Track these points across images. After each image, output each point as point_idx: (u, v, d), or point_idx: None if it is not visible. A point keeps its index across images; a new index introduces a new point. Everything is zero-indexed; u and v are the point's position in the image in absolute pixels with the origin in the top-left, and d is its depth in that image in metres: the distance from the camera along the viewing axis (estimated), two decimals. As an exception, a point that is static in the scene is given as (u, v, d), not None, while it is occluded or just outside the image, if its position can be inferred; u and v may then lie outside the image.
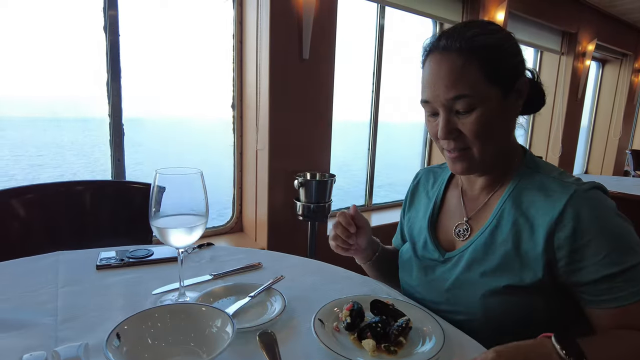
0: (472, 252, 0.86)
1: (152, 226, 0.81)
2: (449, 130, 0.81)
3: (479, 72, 0.77)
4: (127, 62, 2.24)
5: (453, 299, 0.87)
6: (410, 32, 3.61)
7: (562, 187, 0.78)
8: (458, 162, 0.85)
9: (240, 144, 2.74)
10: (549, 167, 0.87)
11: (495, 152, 0.84)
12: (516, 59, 0.82)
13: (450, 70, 0.78)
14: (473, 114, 0.78)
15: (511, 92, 0.81)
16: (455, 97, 0.78)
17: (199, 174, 0.83)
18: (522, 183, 0.85)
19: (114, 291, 0.92)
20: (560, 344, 0.60)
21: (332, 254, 1.04)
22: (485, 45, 0.78)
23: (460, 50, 0.77)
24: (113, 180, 2.17)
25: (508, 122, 0.85)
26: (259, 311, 0.84)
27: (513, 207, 0.84)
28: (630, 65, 5.98)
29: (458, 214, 0.96)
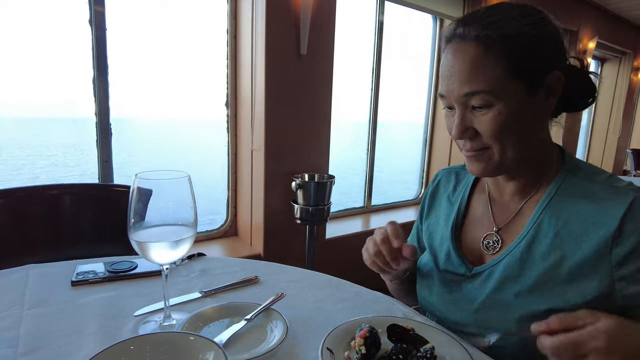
0: (505, 268, 0.75)
1: (130, 240, 0.69)
2: (464, 129, 0.72)
3: (500, 65, 0.67)
4: (116, 59, 2.11)
5: (483, 321, 0.76)
6: (410, 29, 3.51)
7: (616, 194, 0.68)
8: (474, 163, 0.76)
9: (235, 144, 2.62)
10: (593, 170, 0.76)
11: (519, 154, 0.73)
12: (549, 50, 0.71)
13: (466, 62, 0.69)
14: (490, 112, 0.69)
15: (539, 88, 0.70)
16: (471, 92, 0.69)
17: (186, 178, 0.71)
18: (563, 189, 0.75)
19: (89, 313, 0.79)
20: None
21: (331, 259, 0.93)
22: (510, 34, 0.68)
23: (479, 39, 0.68)
24: (94, 183, 2.04)
25: (534, 122, 0.74)
26: (257, 337, 0.72)
27: (554, 217, 0.73)
28: (629, 63, 5.92)
29: (486, 223, 0.85)
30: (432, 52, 3.59)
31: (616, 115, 6.08)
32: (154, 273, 0.96)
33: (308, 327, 0.77)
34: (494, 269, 0.77)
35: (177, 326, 0.73)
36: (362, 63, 3.13)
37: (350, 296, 0.90)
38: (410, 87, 3.74)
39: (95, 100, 2.10)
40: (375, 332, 0.68)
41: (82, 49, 2.05)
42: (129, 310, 0.80)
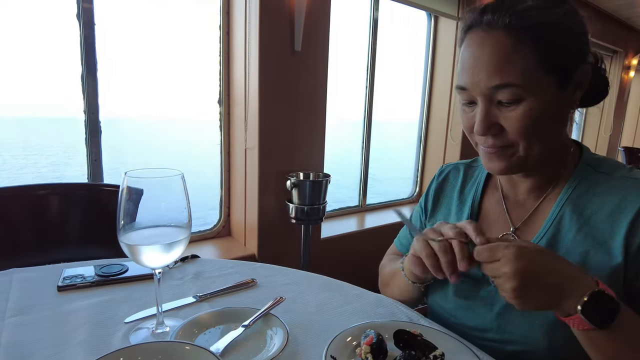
0: None
1: (120, 242, 0.64)
2: (489, 125, 0.67)
3: (532, 57, 0.62)
4: (106, 55, 2.05)
5: (505, 325, 0.72)
6: (404, 26, 3.49)
7: (637, 188, 0.65)
8: (496, 160, 0.70)
9: (228, 143, 2.57)
10: (613, 164, 0.73)
11: (545, 151, 0.69)
12: (580, 41, 0.67)
13: (496, 52, 0.63)
14: (520, 107, 0.64)
15: (569, 83, 0.66)
16: (500, 85, 0.63)
17: (179, 176, 0.67)
18: (582, 185, 0.72)
19: (77, 320, 0.75)
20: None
21: (327, 259, 0.88)
22: (543, 23, 0.63)
23: (510, 28, 0.63)
24: (82, 183, 1.98)
25: (561, 119, 0.70)
26: (256, 345, 0.68)
27: (575, 213, 0.70)
28: (620, 62, 5.95)
29: (501, 223, 0.80)
30: (427, 49, 3.57)
31: (608, 113, 6.11)
32: (145, 276, 0.91)
33: (309, 333, 0.73)
34: None
35: (170, 333, 0.69)
36: (357, 60, 3.09)
37: (351, 299, 0.87)
38: (404, 85, 3.71)
39: (84, 97, 2.04)
40: (381, 338, 0.65)
41: (70, 45, 1.98)
42: (119, 317, 0.76)
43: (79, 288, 0.86)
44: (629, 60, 6.05)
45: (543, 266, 0.57)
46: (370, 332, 0.65)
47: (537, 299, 0.57)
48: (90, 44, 2.01)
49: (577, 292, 0.56)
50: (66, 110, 2.19)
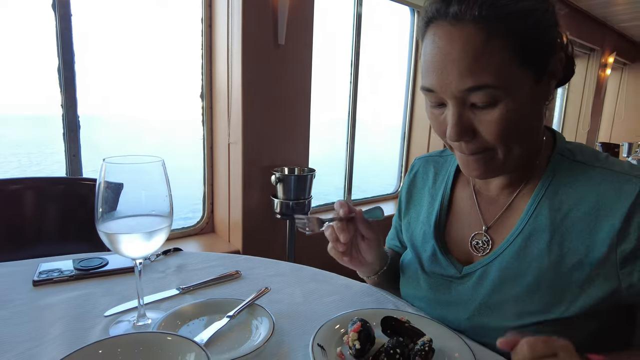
0: (501, 267, 0.68)
1: (99, 232, 0.62)
2: (462, 131, 0.61)
3: (506, 52, 0.56)
4: (84, 48, 2.00)
5: (479, 327, 0.69)
6: (389, 23, 3.49)
7: (619, 183, 0.61)
8: (474, 166, 0.65)
9: (211, 137, 2.53)
10: (589, 153, 0.68)
11: (522, 152, 0.64)
12: (555, 29, 0.61)
13: (466, 49, 0.56)
14: (496, 110, 0.58)
15: (545, 74, 0.61)
16: (474, 87, 0.57)
17: (160, 163, 0.65)
18: (558, 177, 0.67)
19: (54, 314, 0.72)
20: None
21: (312, 254, 0.87)
22: (516, 12, 0.56)
23: (481, 20, 0.55)
24: (60, 177, 1.92)
25: (539, 113, 0.65)
26: (241, 335, 0.67)
27: (552, 210, 0.65)
28: (597, 60, 6.09)
29: (474, 221, 0.76)
30: (410, 45, 3.58)
31: (585, 110, 6.25)
32: (126, 270, 0.89)
33: (296, 323, 0.72)
34: (487, 268, 0.70)
35: (152, 326, 0.66)
36: (341, 55, 3.08)
37: (338, 289, 0.86)
38: (389, 82, 3.72)
39: (61, 92, 1.98)
40: (368, 325, 0.64)
41: (46, 38, 1.92)
42: (98, 311, 0.73)
43: (56, 282, 0.83)
44: (606, 58, 6.19)
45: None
46: (357, 320, 0.64)
47: None
48: (67, 35, 1.95)
49: None
50: (47, 108, 2.12)
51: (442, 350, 0.63)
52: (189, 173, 2.61)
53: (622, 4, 4.99)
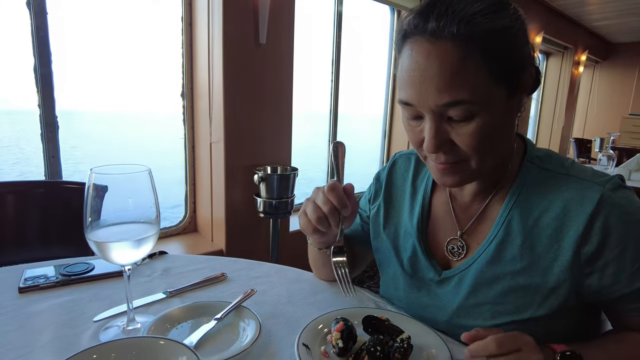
0: (477, 272, 0.71)
1: (88, 240, 0.63)
2: (440, 143, 0.62)
3: (483, 69, 0.58)
4: (60, 46, 1.96)
5: (457, 329, 0.72)
6: (369, 22, 3.52)
7: (583, 189, 0.65)
8: (449, 176, 0.67)
9: (192, 137, 2.53)
10: (557, 160, 0.72)
11: (494, 162, 0.68)
12: (527, 46, 0.63)
13: (444, 66, 0.57)
14: (472, 123, 0.60)
15: (517, 90, 0.63)
16: (451, 103, 0.59)
17: (146, 172, 0.66)
18: (528, 185, 0.70)
19: (42, 321, 0.73)
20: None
21: (296, 252, 0.89)
22: (495, 29, 0.57)
23: (458, 38, 0.57)
24: (41, 180, 1.90)
25: (511, 125, 0.67)
26: (228, 337, 0.69)
27: (523, 217, 0.69)
28: (571, 58, 6.27)
29: (449, 226, 0.79)
30: (390, 43, 3.63)
31: (560, 106, 6.44)
32: (112, 274, 0.90)
33: (282, 324, 0.75)
34: (465, 274, 0.73)
35: (142, 330, 0.68)
36: (322, 54, 3.10)
37: (322, 289, 0.89)
38: (368, 79, 3.76)
39: (37, 90, 1.95)
40: (351, 324, 0.67)
41: (21, 36, 1.88)
42: (87, 316, 0.75)
43: (42, 289, 0.84)
44: (579, 56, 6.38)
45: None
46: (340, 319, 0.68)
47: None
48: (42, 34, 1.92)
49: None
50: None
51: (420, 347, 0.67)
52: (168, 172, 2.60)
53: (594, 4, 5.15)
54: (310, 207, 0.73)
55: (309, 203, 0.74)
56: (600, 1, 5.01)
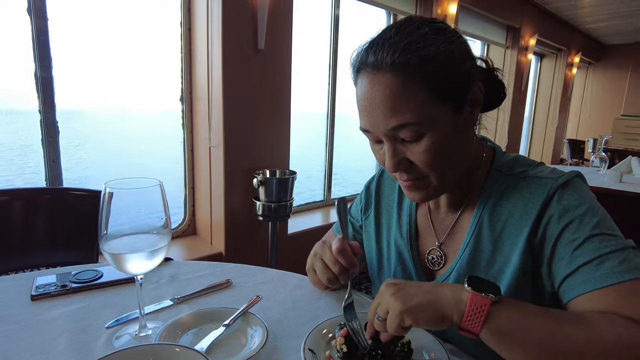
0: (456, 280, 0.75)
1: (103, 251, 0.66)
2: (397, 163, 0.68)
3: (423, 92, 0.62)
4: (61, 50, 1.98)
5: (441, 334, 0.75)
6: (366, 25, 3.56)
7: (538, 186, 0.69)
8: (414, 192, 0.73)
9: (191, 141, 2.55)
10: (522, 164, 0.76)
11: (458, 174, 0.73)
12: (467, 64, 0.67)
13: (387, 94, 0.63)
14: (422, 142, 0.65)
15: (464, 105, 0.68)
16: (398, 126, 0.64)
17: (158, 186, 0.69)
18: (495, 192, 0.74)
19: (56, 328, 0.76)
20: (471, 280, 0.57)
21: (294, 254, 0.92)
22: (428, 55, 0.62)
23: (395, 67, 0.62)
24: (48, 187, 1.92)
25: (465, 140, 0.71)
26: (237, 343, 0.72)
27: (492, 222, 0.73)
28: (564, 59, 6.35)
29: (429, 237, 0.83)
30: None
31: (554, 107, 6.52)
32: (122, 281, 0.93)
33: (287, 329, 0.78)
34: (447, 282, 0.77)
35: (154, 336, 0.71)
36: (320, 56, 3.14)
37: (324, 295, 0.92)
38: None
39: (38, 96, 1.97)
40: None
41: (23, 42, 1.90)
42: (99, 323, 0.77)
43: (54, 296, 0.86)
44: (572, 58, 6.46)
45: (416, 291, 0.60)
46: (343, 325, 0.71)
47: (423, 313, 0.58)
48: (43, 40, 1.94)
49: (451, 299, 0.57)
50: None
51: (419, 350, 0.71)
52: (167, 174, 2.62)
53: (587, 7, 5.22)
54: (320, 266, 0.78)
55: (317, 261, 0.78)
56: (593, 4, 5.08)
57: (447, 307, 0.56)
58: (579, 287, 0.61)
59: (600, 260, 0.60)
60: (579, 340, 0.52)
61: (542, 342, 0.52)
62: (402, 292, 0.59)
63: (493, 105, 0.79)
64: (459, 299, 0.56)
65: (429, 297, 0.58)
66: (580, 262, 0.62)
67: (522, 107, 5.46)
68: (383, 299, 0.61)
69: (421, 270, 0.83)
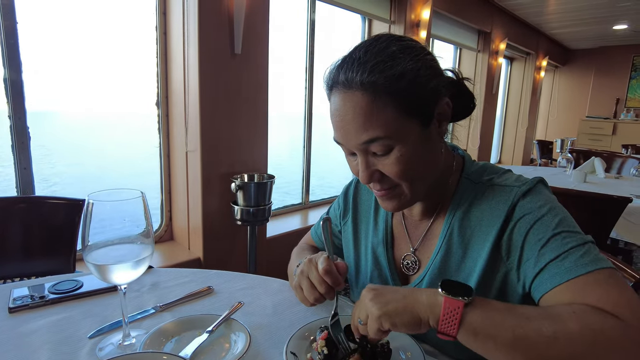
0: (429, 284, 0.79)
1: (86, 263, 0.67)
2: (370, 174, 0.72)
3: (391, 109, 0.66)
4: (32, 52, 1.94)
5: (421, 336, 0.77)
6: (341, 29, 3.61)
7: (504, 193, 0.73)
8: (387, 201, 0.76)
9: (167, 145, 2.53)
10: (489, 171, 0.79)
11: (427, 184, 0.76)
12: (434, 81, 0.70)
13: (357, 111, 0.67)
14: (392, 155, 0.69)
15: (432, 119, 0.71)
16: (368, 141, 0.68)
17: (140, 198, 0.70)
18: (465, 200, 0.78)
19: (37, 341, 0.75)
20: (444, 284, 0.59)
21: (273, 258, 0.94)
22: (395, 75, 0.66)
23: (364, 86, 0.66)
24: (23, 196, 1.87)
25: (433, 152, 0.75)
26: (220, 349, 0.74)
27: (461, 229, 0.77)
28: (532, 63, 6.58)
29: (404, 243, 0.87)
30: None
31: (524, 109, 6.74)
32: (102, 290, 0.93)
33: (270, 334, 0.80)
34: (419, 286, 0.80)
35: (137, 345, 0.72)
36: (296, 60, 3.16)
37: (305, 299, 0.94)
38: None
39: (7, 101, 1.92)
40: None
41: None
42: (81, 334, 0.77)
43: (32, 308, 0.86)
44: (540, 61, 6.70)
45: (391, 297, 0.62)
46: (324, 328, 0.74)
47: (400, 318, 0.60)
48: (12, 43, 1.89)
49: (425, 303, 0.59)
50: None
51: (397, 350, 0.74)
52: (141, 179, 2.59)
53: (552, 14, 5.44)
54: (306, 285, 0.78)
55: (303, 279, 0.79)
56: (558, 11, 5.30)
57: (422, 311, 0.59)
58: (546, 283, 0.64)
59: (564, 255, 0.64)
60: (546, 331, 0.54)
61: (514, 336, 0.55)
62: (380, 297, 0.62)
63: (463, 115, 0.83)
64: (433, 303, 0.59)
65: (405, 301, 0.60)
66: (547, 260, 0.65)
67: (493, 110, 5.63)
68: (363, 303, 0.64)
69: (396, 274, 0.86)
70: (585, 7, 5.04)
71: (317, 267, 0.77)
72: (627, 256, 2.53)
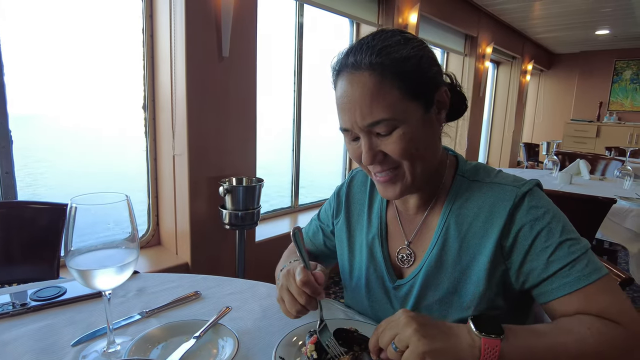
0: (424, 278, 0.80)
1: (69, 268, 0.65)
2: (374, 155, 0.74)
3: (397, 90, 0.70)
4: (13, 54, 1.90)
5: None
6: (329, 32, 3.61)
7: (503, 193, 0.75)
8: (389, 187, 0.78)
9: (154, 149, 2.50)
10: (484, 171, 0.82)
11: (426, 168, 0.78)
12: (434, 68, 0.75)
13: (365, 92, 0.70)
14: (394, 134, 0.72)
15: (432, 105, 0.75)
16: (375, 122, 0.71)
17: (125, 201, 0.69)
18: (461, 195, 0.80)
19: (18, 349, 0.73)
20: (475, 322, 0.60)
21: (262, 262, 0.93)
22: (400, 58, 0.70)
23: (372, 67, 0.70)
24: (3, 200, 1.83)
25: (433, 136, 0.78)
26: (208, 355, 0.73)
27: (458, 223, 0.78)
28: (518, 67, 6.68)
29: (398, 236, 0.88)
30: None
31: (510, 112, 6.83)
32: (86, 297, 0.91)
33: (258, 338, 0.79)
34: (415, 280, 0.81)
35: (123, 352, 0.71)
36: (285, 64, 3.16)
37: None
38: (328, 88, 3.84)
39: (-11, 104, 1.88)
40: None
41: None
42: (64, 341, 0.76)
43: (13, 316, 0.84)
44: (525, 65, 6.80)
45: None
46: (313, 332, 0.73)
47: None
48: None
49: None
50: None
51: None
52: (128, 182, 2.56)
53: (537, 19, 5.53)
54: (287, 298, 0.77)
55: (284, 292, 0.78)
56: (543, 16, 5.39)
57: (463, 351, 0.59)
58: (555, 292, 0.70)
59: (572, 265, 0.69)
60: (573, 350, 0.61)
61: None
62: (426, 330, 0.59)
63: (457, 114, 0.86)
64: (472, 344, 0.59)
65: (450, 342, 0.60)
66: (556, 268, 0.70)
67: (480, 113, 5.69)
68: (404, 331, 0.60)
69: (392, 268, 0.87)
70: (569, 13, 5.14)
71: (295, 279, 0.76)
72: (612, 256, 2.57)
